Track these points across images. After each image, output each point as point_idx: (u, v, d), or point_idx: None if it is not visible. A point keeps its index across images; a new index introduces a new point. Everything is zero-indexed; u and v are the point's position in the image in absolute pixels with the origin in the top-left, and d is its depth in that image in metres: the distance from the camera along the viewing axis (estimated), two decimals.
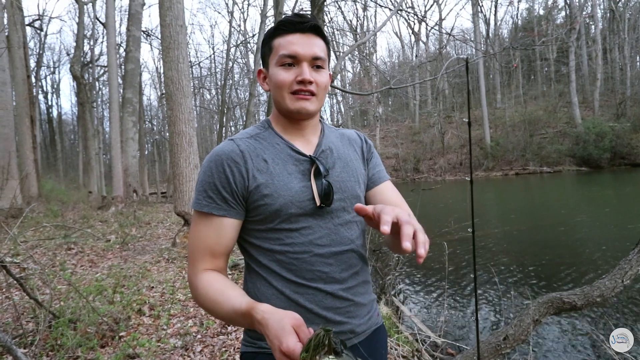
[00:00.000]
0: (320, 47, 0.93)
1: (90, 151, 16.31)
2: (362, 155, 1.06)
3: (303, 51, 0.90)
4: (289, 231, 0.90)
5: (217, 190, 0.89)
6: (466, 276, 5.60)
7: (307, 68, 0.90)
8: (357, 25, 31.66)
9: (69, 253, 5.63)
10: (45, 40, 31.37)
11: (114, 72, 12.38)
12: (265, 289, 0.92)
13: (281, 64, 0.91)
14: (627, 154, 24.06)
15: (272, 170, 0.91)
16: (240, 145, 0.93)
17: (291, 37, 0.91)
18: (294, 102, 0.92)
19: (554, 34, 16.16)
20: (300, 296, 0.91)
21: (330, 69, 1.01)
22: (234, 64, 28.09)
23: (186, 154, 6.19)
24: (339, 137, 1.06)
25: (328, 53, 0.97)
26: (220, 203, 0.89)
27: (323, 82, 0.93)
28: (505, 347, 2.35)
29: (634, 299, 4.33)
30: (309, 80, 0.90)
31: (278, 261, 0.91)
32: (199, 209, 0.90)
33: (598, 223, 8.79)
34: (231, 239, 0.92)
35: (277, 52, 0.92)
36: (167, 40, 6.10)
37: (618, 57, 31.50)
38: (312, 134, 1.00)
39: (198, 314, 3.46)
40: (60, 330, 2.59)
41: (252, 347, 0.94)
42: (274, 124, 1.00)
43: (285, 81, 0.91)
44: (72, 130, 41.91)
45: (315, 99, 0.93)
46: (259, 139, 0.96)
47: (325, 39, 0.96)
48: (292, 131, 0.98)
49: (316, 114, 0.98)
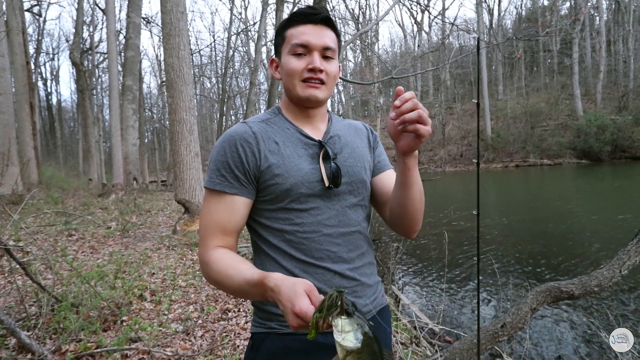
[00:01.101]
0: (331, 38, 0.96)
1: (90, 139, 16.27)
2: (368, 143, 1.11)
3: (314, 41, 0.94)
4: (298, 211, 0.93)
5: (230, 169, 0.92)
6: (465, 265, 5.64)
7: (318, 57, 0.94)
8: (359, 14, 31.35)
9: (70, 239, 5.66)
10: (44, 26, 31.12)
11: (113, 59, 12.30)
12: (274, 268, 0.94)
13: (293, 53, 0.95)
14: (628, 147, 24.03)
15: (283, 152, 0.94)
16: (252, 127, 0.96)
17: (303, 28, 0.95)
18: (304, 89, 0.95)
19: (558, 25, 16.02)
20: (309, 275, 0.93)
21: (339, 60, 1.03)
22: (235, 52, 27.88)
23: (187, 142, 6.18)
24: (346, 126, 1.10)
25: (339, 45, 1.00)
26: (233, 182, 0.92)
27: (333, 72, 0.97)
28: (502, 334, 2.38)
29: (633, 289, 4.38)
30: (320, 68, 0.93)
31: (287, 241, 0.94)
32: (211, 187, 0.93)
33: (597, 215, 8.83)
34: (242, 217, 0.94)
35: (290, 42, 0.95)
36: (168, 27, 6.05)
37: (622, 49, 31.24)
38: (320, 122, 1.04)
39: (199, 299, 3.49)
40: (63, 313, 2.61)
41: (262, 328, 0.96)
42: (284, 111, 1.03)
43: (296, 69, 0.94)
44: (72, 118, 41.78)
45: (324, 87, 0.96)
46: (270, 124, 0.99)
47: (336, 30, 0.99)
48: (302, 118, 1.02)
49: (325, 102, 1.02)
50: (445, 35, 21.60)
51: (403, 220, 0.98)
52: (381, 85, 26.90)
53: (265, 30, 14.20)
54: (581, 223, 8.15)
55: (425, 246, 7.00)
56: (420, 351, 2.75)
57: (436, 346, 2.94)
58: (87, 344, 2.41)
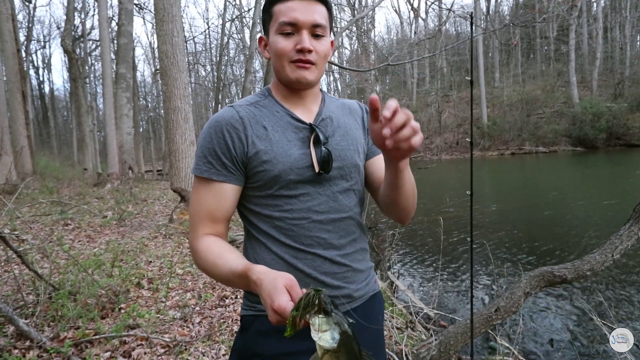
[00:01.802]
0: (321, 13, 0.90)
1: (84, 128, 16.09)
2: (362, 125, 1.06)
3: (303, 18, 0.88)
4: (287, 197, 0.91)
5: (217, 156, 0.90)
6: (460, 251, 5.70)
7: (307, 36, 0.89)
8: (355, 0, 30.91)
9: (66, 229, 5.65)
10: (35, 13, 30.50)
11: (106, 47, 12.10)
12: (265, 254, 0.94)
13: (281, 32, 0.90)
14: (623, 135, 24.14)
15: (271, 137, 0.91)
16: (239, 112, 0.93)
17: (291, 3, 0.89)
18: (294, 71, 0.91)
19: (555, 11, 15.89)
20: (299, 261, 0.92)
21: (331, 36, 0.98)
22: (230, 40, 27.48)
23: (182, 130, 6.14)
24: (339, 107, 1.05)
25: (330, 19, 0.94)
26: (220, 169, 0.90)
27: (323, 51, 0.92)
28: (496, 318, 2.42)
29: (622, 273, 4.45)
30: (309, 49, 0.88)
31: (277, 227, 0.92)
32: (199, 174, 0.91)
33: (590, 202, 8.91)
34: (231, 205, 0.93)
35: (277, 19, 0.90)
36: (161, 13, 5.95)
37: (619, 36, 31.15)
38: (312, 103, 1.00)
39: (196, 287, 3.51)
40: (61, 301, 2.62)
41: (252, 310, 0.96)
42: (274, 92, 0.99)
43: (284, 50, 0.90)
44: (65, 107, 41.26)
45: (314, 68, 0.92)
46: (259, 107, 0.96)
47: (327, 3, 0.93)
48: (293, 99, 0.98)
49: (316, 83, 0.97)
50: (442, 22, 21.40)
51: (396, 211, 0.97)
52: (377, 72, 26.70)
53: (259, 16, 14.00)
54: (575, 209, 8.24)
55: (420, 233, 7.05)
56: (416, 335, 2.79)
57: (431, 330, 2.99)
58: (86, 331, 2.43)
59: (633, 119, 24.20)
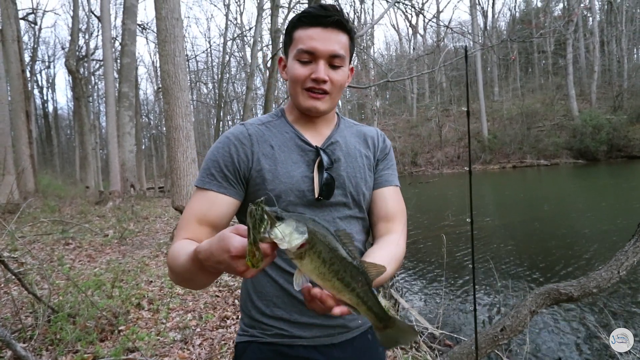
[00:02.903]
0: (341, 43, 0.90)
1: (87, 146, 16.21)
2: (374, 153, 1.03)
3: (322, 47, 0.88)
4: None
5: (220, 168, 0.90)
6: (464, 268, 5.63)
7: (323, 66, 0.89)
8: (354, 18, 31.43)
9: (67, 248, 5.62)
10: (40, 34, 31.10)
11: (109, 66, 12.29)
12: (260, 276, 0.93)
13: (298, 59, 0.90)
14: (624, 147, 24.13)
15: (277, 156, 0.92)
16: (249, 129, 0.94)
17: (312, 31, 0.89)
18: (306, 100, 0.91)
19: (552, 26, 16.11)
20: (292, 285, 0.90)
21: (350, 64, 0.97)
22: (231, 58, 27.90)
23: (183, 148, 6.16)
24: (354, 133, 1.04)
25: (351, 45, 0.94)
26: (221, 181, 0.90)
27: (339, 81, 0.92)
28: (502, 338, 2.37)
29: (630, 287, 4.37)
30: (323, 79, 0.89)
31: None
32: (199, 185, 0.91)
33: (594, 216, 8.84)
34: (224, 214, 0.90)
35: (296, 46, 0.90)
36: (163, 34, 6.04)
37: (615, 49, 31.47)
38: (324, 127, 0.99)
39: (197, 307, 3.47)
40: (60, 324, 2.59)
41: (245, 336, 0.95)
42: (288, 113, 1.00)
43: (300, 77, 0.90)
44: (68, 125, 41.69)
45: (328, 97, 0.92)
46: (269, 127, 0.97)
47: (349, 33, 0.93)
48: (304, 122, 0.98)
49: (329, 112, 0.97)
50: (440, 38, 21.69)
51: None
52: (377, 88, 26.96)
53: (260, 35, 14.25)
54: (579, 223, 8.17)
55: (423, 250, 6.99)
56: (421, 356, 2.73)
57: (436, 350, 2.92)
58: (84, 355, 2.39)
59: (633, 131, 24.24)
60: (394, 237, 0.93)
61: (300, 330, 0.91)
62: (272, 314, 0.92)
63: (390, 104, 42.42)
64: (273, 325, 0.92)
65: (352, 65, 0.99)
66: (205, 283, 0.81)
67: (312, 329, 0.92)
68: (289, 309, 0.92)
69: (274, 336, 0.92)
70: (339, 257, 0.58)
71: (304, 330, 0.91)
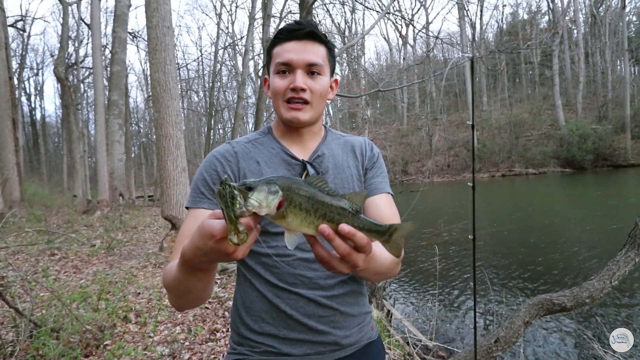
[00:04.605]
0: (316, 53, 0.92)
1: (75, 154, 15.99)
2: (362, 163, 1.02)
3: (297, 57, 0.90)
4: (274, 234, 0.89)
5: (208, 186, 0.91)
6: (457, 278, 5.62)
7: (301, 75, 0.90)
8: (345, 28, 31.78)
9: (52, 259, 5.48)
10: (28, 42, 30.69)
11: (99, 74, 12.18)
12: (249, 291, 0.92)
13: (277, 72, 0.92)
14: (610, 156, 24.62)
15: (263, 172, 0.92)
16: (235, 147, 0.96)
17: (287, 45, 0.91)
18: (287, 111, 0.92)
19: (538, 38, 16.46)
20: (282, 301, 0.89)
21: (334, 74, 0.99)
22: (222, 67, 27.91)
23: (173, 157, 6.11)
24: (341, 145, 1.03)
25: (329, 57, 0.95)
26: (211, 197, 0.90)
27: (318, 90, 0.92)
28: (496, 349, 2.35)
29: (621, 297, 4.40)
30: (301, 87, 0.89)
31: (262, 263, 0.91)
32: (190, 205, 0.92)
33: (583, 224, 8.94)
34: None
35: (274, 61, 0.93)
36: (154, 42, 6.01)
37: (600, 60, 32.25)
38: (310, 140, 1.00)
39: (186, 320, 3.39)
40: (42, 339, 2.50)
41: (233, 354, 0.93)
42: (274, 130, 1.01)
43: (279, 89, 0.91)
44: (57, 133, 41.09)
45: (309, 107, 0.92)
46: (256, 144, 0.98)
47: (326, 43, 0.94)
48: (291, 137, 0.98)
49: (312, 123, 0.96)
50: (429, 49, 22.02)
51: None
52: (368, 98, 27.17)
53: (252, 44, 14.29)
54: (567, 232, 8.25)
55: (416, 259, 6.98)
56: None
57: None
58: None
59: (618, 140, 24.76)
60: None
61: (289, 347, 0.88)
62: (261, 330, 0.90)
63: (381, 113, 42.77)
64: (262, 342, 0.90)
65: (335, 77, 1.00)
66: (202, 289, 0.77)
67: (302, 345, 0.89)
68: (277, 325, 0.89)
69: (262, 353, 0.89)
70: (320, 201, 0.58)
71: (293, 347, 0.88)
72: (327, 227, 0.57)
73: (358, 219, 0.60)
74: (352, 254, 0.60)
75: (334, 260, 0.61)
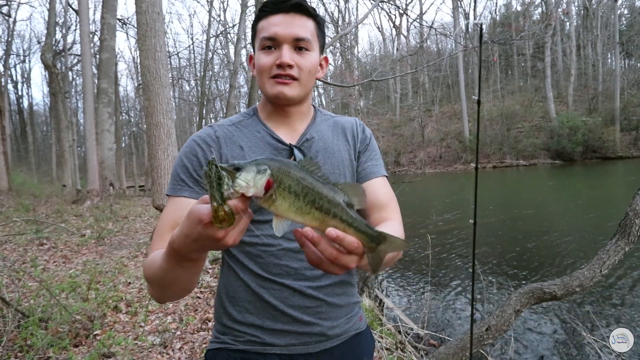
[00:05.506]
0: (304, 27, 0.86)
1: (63, 143, 15.68)
2: (354, 146, 0.98)
3: (283, 31, 0.84)
4: (259, 223, 0.85)
5: (189, 173, 0.87)
6: (448, 267, 5.67)
7: (288, 50, 0.85)
8: (338, 18, 31.49)
9: (41, 249, 5.41)
10: (14, 27, 29.88)
11: (87, 62, 11.91)
12: (233, 280, 0.89)
13: (262, 48, 0.87)
14: (599, 148, 24.93)
15: (247, 157, 0.86)
16: (217, 131, 0.90)
17: (273, 18, 0.86)
18: (273, 86, 0.87)
19: (531, 29, 16.45)
20: (266, 291, 0.86)
21: (324, 52, 0.94)
22: (214, 55, 27.50)
23: (164, 146, 6.01)
24: (331, 126, 0.98)
25: (319, 32, 0.90)
26: (192, 185, 0.86)
27: (307, 66, 0.87)
28: (488, 337, 2.37)
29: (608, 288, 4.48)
30: (288, 63, 0.84)
31: (246, 253, 0.88)
32: (170, 194, 0.87)
33: (572, 214, 9.07)
34: None
35: (259, 35, 0.87)
36: (144, 28, 5.87)
37: (591, 53, 32.45)
38: (299, 122, 0.94)
39: (177, 309, 3.37)
40: (30, 330, 2.46)
41: (216, 344, 0.90)
42: (260, 111, 0.96)
43: (265, 65, 0.86)
44: (45, 122, 40.40)
45: (296, 83, 0.87)
46: (240, 127, 0.92)
47: (315, 17, 0.89)
48: (277, 118, 0.93)
49: (300, 100, 0.91)
50: (423, 39, 21.93)
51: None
52: (361, 88, 27.10)
53: (244, 32, 14.04)
54: (557, 222, 8.36)
55: (409, 249, 7.02)
56: (406, 356, 2.71)
57: (421, 351, 2.91)
58: None
59: (607, 133, 25.04)
60: (392, 222, 0.89)
61: (273, 338, 0.86)
62: (244, 320, 0.88)
63: (374, 104, 42.67)
64: (245, 332, 0.87)
65: (325, 55, 0.94)
66: (189, 280, 0.73)
67: (287, 336, 0.86)
68: (261, 315, 0.87)
69: (245, 343, 0.87)
70: (310, 185, 0.55)
71: (277, 337, 0.86)
72: (310, 231, 0.53)
73: (348, 213, 0.56)
74: (341, 257, 0.55)
75: (325, 263, 0.57)
